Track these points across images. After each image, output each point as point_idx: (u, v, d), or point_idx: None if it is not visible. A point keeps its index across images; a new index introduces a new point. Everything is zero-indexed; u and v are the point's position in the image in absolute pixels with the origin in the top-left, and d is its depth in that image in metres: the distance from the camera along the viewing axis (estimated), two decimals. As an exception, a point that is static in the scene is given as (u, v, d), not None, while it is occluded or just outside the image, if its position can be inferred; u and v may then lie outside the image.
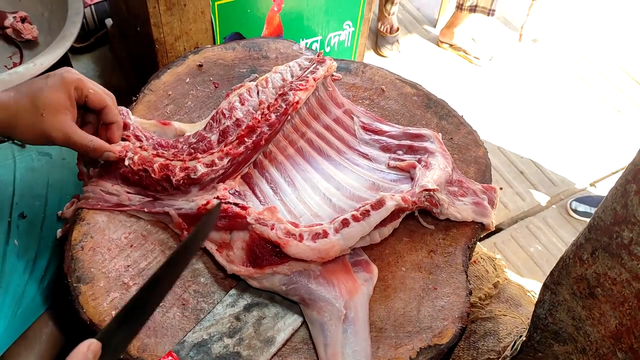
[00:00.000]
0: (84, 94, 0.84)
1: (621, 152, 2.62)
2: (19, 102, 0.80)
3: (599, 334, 0.75)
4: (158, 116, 1.03)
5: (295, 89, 0.97)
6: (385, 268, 0.89)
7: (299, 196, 0.91)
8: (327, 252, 0.80)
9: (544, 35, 3.15)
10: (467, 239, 0.93)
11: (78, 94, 0.84)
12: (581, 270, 0.72)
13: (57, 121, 0.81)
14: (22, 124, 0.81)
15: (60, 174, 1.05)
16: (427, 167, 0.94)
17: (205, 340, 0.79)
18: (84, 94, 0.84)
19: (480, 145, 1.05)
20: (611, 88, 2.96)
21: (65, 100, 0.82)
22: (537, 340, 0.87)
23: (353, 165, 0.97)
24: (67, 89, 0.82)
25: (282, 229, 0.81)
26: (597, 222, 0.67)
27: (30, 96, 0.81)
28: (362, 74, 1.14)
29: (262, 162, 0.95)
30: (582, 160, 2.62)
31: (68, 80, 0.82)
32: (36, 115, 0.80)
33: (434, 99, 1.12)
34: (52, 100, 0.81)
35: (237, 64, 1.13)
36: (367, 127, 1.03)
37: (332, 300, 0.80)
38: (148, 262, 0.86)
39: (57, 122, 0.81)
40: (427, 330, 0.83)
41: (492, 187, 0.98)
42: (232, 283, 0.86)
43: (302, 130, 1.00)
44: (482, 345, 1.18)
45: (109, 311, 0.80)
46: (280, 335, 0.81)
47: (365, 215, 0.83)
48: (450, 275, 0.89)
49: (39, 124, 0.80)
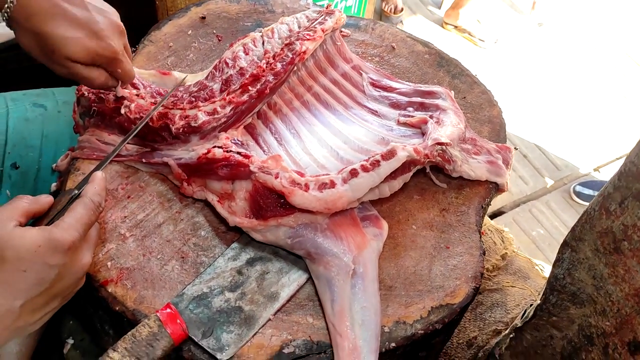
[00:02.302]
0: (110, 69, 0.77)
1: (626, 137, 2.59)
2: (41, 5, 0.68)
3: (622, 293, 0.71)
4: (158, 67, 0.98)
5: (302, 38, 0.92)
6: (395, 226, 0.85)
7: (304, 147, 0.87)
8: (334, 203, 0.76)
9: (550, 18, 3.11)
10: (480, 198, 0.89)
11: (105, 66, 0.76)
12: (607, 222, 0.68)
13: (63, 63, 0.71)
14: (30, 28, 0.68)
15: (56, 126, 1.00)
16: (438, 123, 0.89)
17: (206, 294, 0.75)
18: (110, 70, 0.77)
19: (495, 105, 1.01)
20: (616, 73, 2.92)
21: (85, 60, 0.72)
22: (553, 303, 0.83)
23: (361, 121, 0.93)
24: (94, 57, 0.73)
25: (287, 178, 0.76)
26: (629, 168, 0.63)
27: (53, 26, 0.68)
28: (372, 31, 1.10)
29: (266, 113, 0.90)
30: (587, 145, 2.59)
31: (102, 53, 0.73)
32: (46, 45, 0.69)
33: (446, 57, 1.07)
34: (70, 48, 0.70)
35: (242, 17, 1.08)
36: (376, 84, 0.99)
37: (340, 255, 0.76)
38: (146, 214, 0.82)
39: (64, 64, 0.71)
40: (439, 289, 0.79)
41: (507, 146, 0.94)
42: (234, 237, 0.81)
43: (309, 84, 0.95)
44: (489, 316, 1.14)
45: (105, 262, 0.76)
46: (285, 290, 0.77)
47: (375, 165, 0.78)
48: (463, 235, 0.85)
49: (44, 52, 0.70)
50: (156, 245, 0.79)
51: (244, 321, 0.73)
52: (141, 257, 0.77)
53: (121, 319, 0.73)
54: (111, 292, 0.73)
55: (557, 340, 0.86)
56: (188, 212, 0.83)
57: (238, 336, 0.72)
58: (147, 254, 0.77)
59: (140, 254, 0.77)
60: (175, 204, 0.83)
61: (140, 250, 0.78)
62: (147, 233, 0.80)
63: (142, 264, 0.76)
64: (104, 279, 0.74)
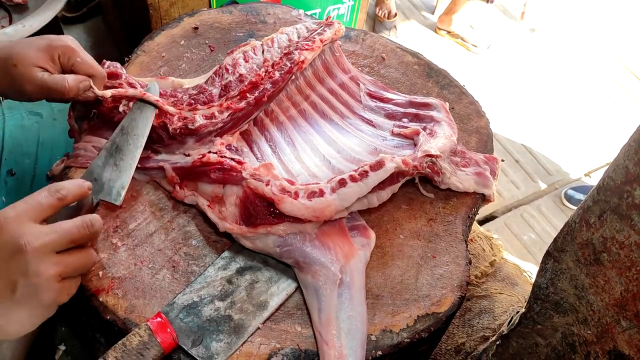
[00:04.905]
0: (70, 62, 0.81)
1: (616, 143, 2.61)
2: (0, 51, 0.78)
3: (602, 303, 0.73)
4: (151, 76, 1.00)
5: (301, 48, 0.94)
6: (383, 235, 0.86)
7: (297, 156, 0.88)
8: (323, 212, 0.77)
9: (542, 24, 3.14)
10: (467, 208, 0.91)
11: (64, 60, 0.81)
12: (587, 234, 0.70)
13: (29, 72, 0.78)
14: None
15: (52, 133, 1.02)
16: (432, 135, 0.91)
17: (196, 303, 0.76)
18: (71, 62, 0.81)
19: (482, 116, 1.03)
20: (608, 79, 2.95)
21: (45, 59, 0.79)
22: (537, 311, 0.84)
23: (356, 131, 0.95)
24: (50, 51, 0.80)
25: (278, 186, 0.78)
26: (607, 182, 0.65)
27: (10, 49, 0.78)
28: (363, 42, 1.11)
29: (262, 120, 0.92)
30: (578, 150, 2.61)
31: (55, 44, 0.80)
32: (8, 65, 0.78)
33: (435, 68, 1.09)
34: (28, 54, 0.78)
35: (234, 27, 1.10)
36: (373, 94, 1.00)
37: (328, 264, 0.77)
38: (137, 224, 0.83)
39: (29, 74, 0.78)
40: (425, 298, 0.80)
41: (494, 157, 0.96)
42: (224, 246, 0.83)
43: (306, 93, 0.97)
44: (477, 322, 1.16)
45: (96, 271, 0.77)
46: (274, 299, 0.79)
47: (364, 175, 0.80)
48: (449, 244, 0.87)
49: (10, 75, 0.78)
50: (147, 254, 0.80)
51: (233, 330, 0.74)
52: (132, 266, 0.78)
53: (112, 328, 0.74)
54: (102, 301, 0.74)
55: (541, 347, 0.87)
56: (179, 221, 0.84)
57: (227, 345, 0.73)
58: (139, 263, 0.79)
59: (131, 263, 0.79)
60: (167, 213, 0.85)
61: (132, 259, 0.79)
62: (138, 242, 0.81)
63: (134, 273, 0.78)
64: (95, 288, 0.75)
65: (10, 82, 0.78)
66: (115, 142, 0.82)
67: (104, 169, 0.79)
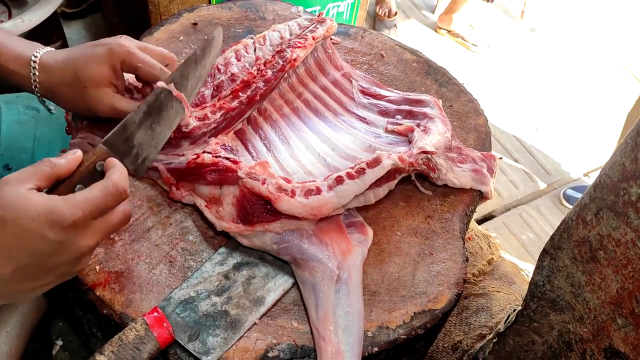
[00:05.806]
0: (132, 67, 0.81)
1: (616, 143, 2.61)
2: (64, 71, 0.78)
3: (599, 300, 0.73)
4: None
5: (293, 46, 0.94)
6: (381, 232, 0.86)
7: (292, 154, 0.88)
8: (320, 209, 0.77)
9: (542, 24, 3.14)
10: (465, 205, 0.91)
11: (126, 67, 0.81)
12: (584, 232, 0.70)
13: (100, 94, 0.79)
14: (64, 93, 0.80)
15: (49, 128, 1.02)
16: (425, 131, 0.91)
17: (193, 298, 0.76)
18: (133, 67, 0.81)
19: (481, 114, 1.03)
20: (607, 79, 2.95)
21: (109, 73, 0.80)
22: (534, 309, 0.85)
23: (350, 128, 0.95)
24: (112, 62, 0.79)
25: (274, 184, 0.78)
26: (604, 180, 0.65)
27: (74, 67, 0.78)
28: (362, 39, 1.11)
29: (256, 119, 0.92)
30: (577, 150, 2.61)
31: (114, 53, 0.79)
32: (78, 87, 0.78)
33: (434, 66, 1.09)
34: (95, 73, 0.78)
35: (233, 24, 1.10)
36: (366, 91, 1.00)
37: (325, 261, 0.77)
38: (135, 218, 0.83)
39: (100, 95, 0.79)
40: (422, 295, 0.81)
41: (492, 155, 0.96)
42: (221, 242, 0.83)
43: (299, 90, 0.96)
44: (474, 320, 1.16)
45: (93, 265, 0.77)
46: (270, 295, 0.79)
47: (360, 173, 0.80)
48: (446, 241, 0.87)
49: (81, 96, 0.79)
50: (144, 249, 0.80)
51: (229, 325, 0.75)
52: (129, 261, 0.78)
53: (109, 322, 0.74)
54: (99, 295, 0.74)
55: (538, 345, 0.88)
56: (177, 217, 0.84)
57: (224, 340, 0.73)
58: (136, 258, 0.79)
59: (128, 257, 0.79)
60: (164, 209, 0.85)
61: (129, 254, 0.79)
62: (135, 237, 0.81)
63: (131, 267, 0.78)
64: (92, 283, 0.75)
65: (84, 104, 0.80)
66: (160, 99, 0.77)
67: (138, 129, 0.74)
